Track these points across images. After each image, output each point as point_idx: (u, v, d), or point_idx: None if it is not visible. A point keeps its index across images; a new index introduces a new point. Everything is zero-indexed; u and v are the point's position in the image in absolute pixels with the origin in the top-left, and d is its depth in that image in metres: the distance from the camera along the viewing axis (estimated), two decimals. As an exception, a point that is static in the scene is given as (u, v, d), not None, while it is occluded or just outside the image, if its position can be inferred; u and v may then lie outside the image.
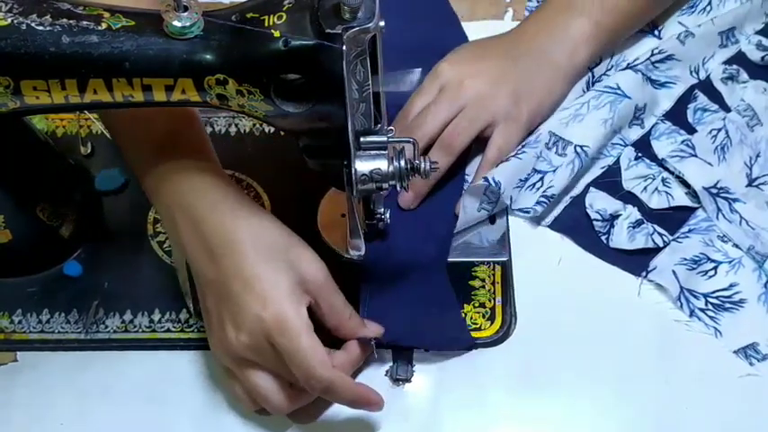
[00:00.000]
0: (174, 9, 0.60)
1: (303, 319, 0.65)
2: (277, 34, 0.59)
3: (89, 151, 0.85)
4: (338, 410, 0.72)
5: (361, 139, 0.64)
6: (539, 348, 0.75)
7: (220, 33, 0.61)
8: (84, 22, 0.60)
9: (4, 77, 0.60)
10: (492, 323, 0.76)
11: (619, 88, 0.83)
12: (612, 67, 0.87)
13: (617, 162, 0.83)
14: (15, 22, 0.60)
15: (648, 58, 0.85)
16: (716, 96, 0.86)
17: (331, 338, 0.70)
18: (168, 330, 0.76)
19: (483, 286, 0.77)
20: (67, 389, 0.74)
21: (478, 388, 0.73)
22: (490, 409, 0.73)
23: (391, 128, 0.67)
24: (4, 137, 0.71)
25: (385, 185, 0.65)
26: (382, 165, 0.64)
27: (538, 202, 0.79)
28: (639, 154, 0.83)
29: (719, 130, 0.83)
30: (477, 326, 0.76)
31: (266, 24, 0.60)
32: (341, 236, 0.76)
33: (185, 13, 0.60)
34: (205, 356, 0.75)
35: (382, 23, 0.58)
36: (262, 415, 0.72)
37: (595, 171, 0.83)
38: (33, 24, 0.60)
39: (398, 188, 0.66)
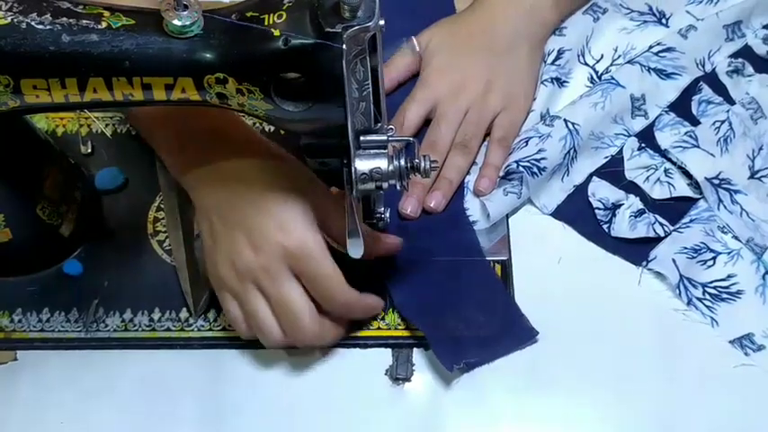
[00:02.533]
0: (173, 8, 0.60)
1: (321, 244, 0.69)
2: (277, 33, 0.59)
3: (89, 150, 0.85)
4: (337, 410, 0.73)
5: (361, 138, 0.64)
6: (539, 346, 0.75)
7: (220, 32, 0.61)
8: (84, 21, 0.60)
9: (3, 76, 0.60)
10: (492, 322, 0.76)
11: (613, 78, 0.85)
12: (620, 56, 0.88)
13: (620, 152, 0.83)
14: (15, 20, 0.60)
15: (647, 50, 0.86)
16: (721, 89, 0.86)
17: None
18: (168, 329, 0.76)
19: (483, 285, 0.77)
20: (68, 388, 0.74)
21: (479, 386, 0.73)
22: (490, 408, 0.73)
23: (391, 126, 0.67)
24: (4, 136, 0.71)
25: (385, 184, 0.65)
26: (382, 164, 0.64)
27: (524, 167, 0.79)
28: (643, 144, 0.84)
29: (723, 122, 0.83)
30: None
31: (266, 23, 0.60)
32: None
33: (185, 12, 0.60)
34: (205, 355, 0.75)
35: (382, 22, 0.58)
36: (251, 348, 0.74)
37: (598, 160, 0.83)
38: (33, 23, 0.60)
39: (398, 187, 0.66)
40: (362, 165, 0.64)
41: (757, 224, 0.79)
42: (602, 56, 0.88)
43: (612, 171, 0.82)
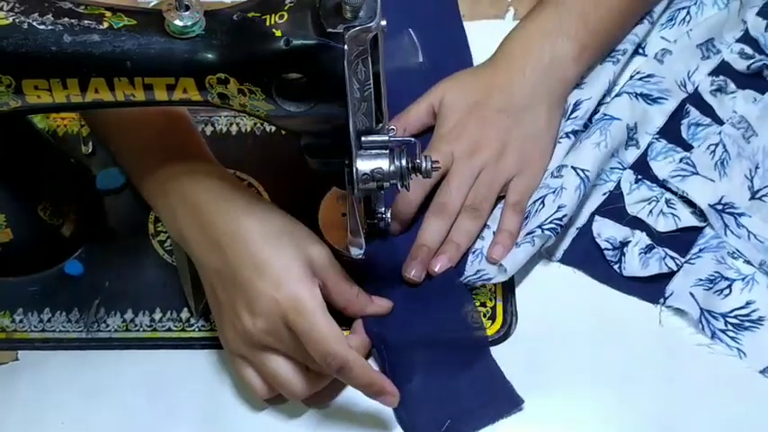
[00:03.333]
0: (175, 8, 0.60)
1: (317, 299, 0.67)
2: (278, 33, 0.59)
3: (90, 150, 0.85)
4: (338, 410, 0.73)
5: (363, 139, 0.64)
6: (539, 347, 0.75)
7: (222, 32, 0.61)
8: (86, 22, 0.60)
9: (5, 76, 0.60)
10: (493, 322, 0.76)
11: (606, 115, 0.82)
12: (606, 94, 0.85)
13: (618, 187, 0.81)
14: (17, 21, 0.60)
15: (629, 80, 0.85)
16: (707, 110, 0.84)
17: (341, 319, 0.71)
18: (169, 329, 0.76)
19: (484, 285, 0.77)
20: (68, 388, 0.74)
21: (479, 387, 0.74)
22: (491, 409, 0.73)
23: (392, 127, 0.67)
24: (6, 136, 0.71)
25: (386, 185, 0.65)
26: (383, 164, 0.64)
27: (549, 229, 0.75)
28: (639, 176, 0.81)
29: (717, 144, 0.81)
30: (478, 325, 0.76)
31: (268, 23, 0.60)
32: (342, 235, 0.76)
33: (187, 12, 0.60)
34: (206, 356, 0.75)
35: (384, 23, 0.59)
36: (273, 404, 0.72)
37: (597, 198, 0.80)
38: (35, 23, 0.60)
39: (399, 187, 0.66)
40: (364, 165, 0.64)
41: (766, 246, 0.76)
42: (590, 97, 0.85)
43: (614, 208, 0.80)
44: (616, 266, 0.77)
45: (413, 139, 0.66)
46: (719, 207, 0.78)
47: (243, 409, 0.73)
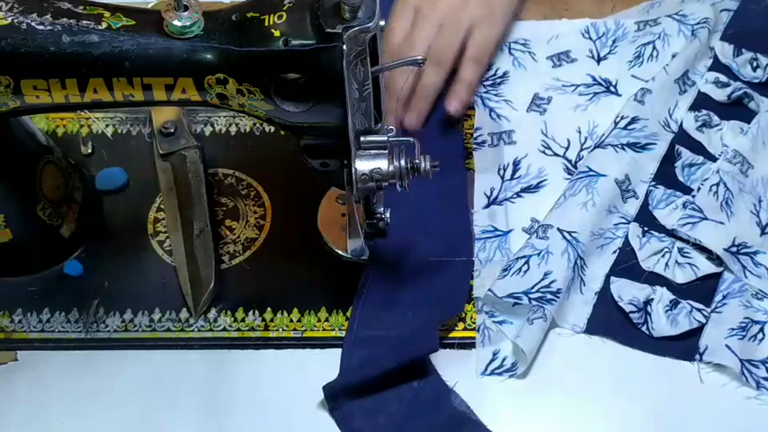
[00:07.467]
0: (174, 8, 0.60)
1: None
2: (277, 34, 0.59)
3: (89, 151, 0.85)
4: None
5: (362, 139, 0.64)
6: (538, 347, 0.75)
7: (220, 33, 0.61)
8: (85, 22, 0.60)
9: (4, 77, 0.61)
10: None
11: (591, 170, 0.79)
12: (587, 138, 0.84)
13: (627, 243, 0.78)
14: (16, 21, 0.60)
15: (614, 128, 0.82)
16: (697, 147, 0.83)
17: None
18: (168, 330, 0.76)
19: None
20: (67, 388, 0.74)
21: (478, 386, 0.73)
22: (489, 408, 0.72)
23: (391, 127, 0.67)
24: (5, 136, 0.71)
25: (385, 185, 0.65)
26: (382, 164, 0.64)
27: (537, 299, 0.73)
28: (646, 228, 0.78)
29: (717, 184, 0.79)
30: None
31: (266, 24, 0.60)
32: (341, 236, 0.76)
33: (185, 13, 0.60)
34: (205, 356, 0.75)
35: (382, 23, 0.59)
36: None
37: (608, 258, 0.77)
38: (34, 24, 0.60)
39: (398, 187, 0.66)
40: (363, 165, 0.64)
41: None
42: (568, 142, 0.84)
43: (628, 266, 0.77)
44: (643, 328, 0.74)
45: (411, 139, 0.66)
46: (734, 249, 0.76)
47: (242, 409, 0.73)
